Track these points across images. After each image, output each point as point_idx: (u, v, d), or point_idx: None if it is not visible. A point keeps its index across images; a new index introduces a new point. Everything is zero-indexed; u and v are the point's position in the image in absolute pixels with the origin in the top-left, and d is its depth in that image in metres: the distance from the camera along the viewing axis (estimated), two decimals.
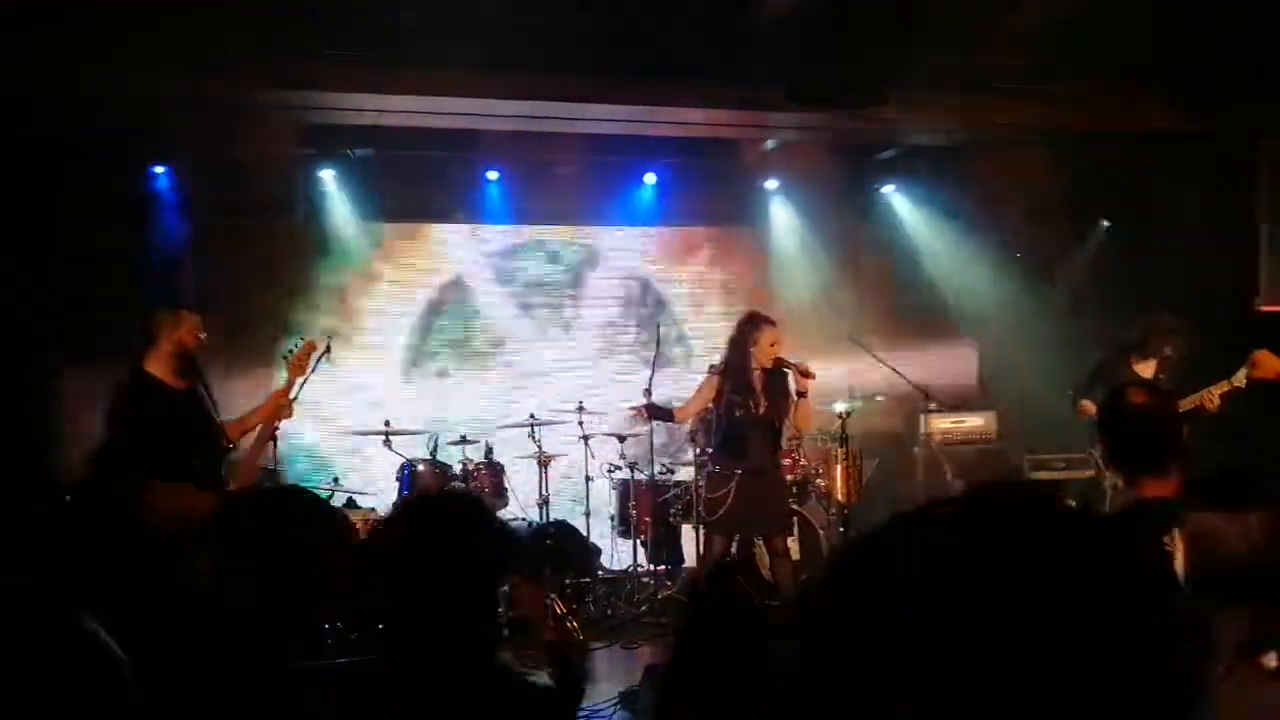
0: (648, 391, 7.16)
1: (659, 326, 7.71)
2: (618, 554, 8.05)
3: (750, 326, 6.11)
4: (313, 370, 5.17)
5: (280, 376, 5.21)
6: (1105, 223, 8.72)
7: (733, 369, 6.10)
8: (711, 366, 6.31)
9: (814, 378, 6.05)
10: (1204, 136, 7.18)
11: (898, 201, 8.95)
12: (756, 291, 8.78)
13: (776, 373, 6.08)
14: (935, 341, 8.57)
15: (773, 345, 6.03)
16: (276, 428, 5.26)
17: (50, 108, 6.26)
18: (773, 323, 6.12)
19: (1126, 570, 0.83)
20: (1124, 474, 2.62)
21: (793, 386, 6.08)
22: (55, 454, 6.51)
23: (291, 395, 5.06)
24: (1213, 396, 6.21)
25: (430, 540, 1.89)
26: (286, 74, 6.20)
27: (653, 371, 7.12)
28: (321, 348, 5.26)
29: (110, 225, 7.47)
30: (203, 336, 4.85)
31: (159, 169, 7.57)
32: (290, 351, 5.13)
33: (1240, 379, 6.24)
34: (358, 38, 6.06)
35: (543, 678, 2.15)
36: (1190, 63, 6.52)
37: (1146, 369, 6.84)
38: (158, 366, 4.72)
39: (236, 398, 5.45)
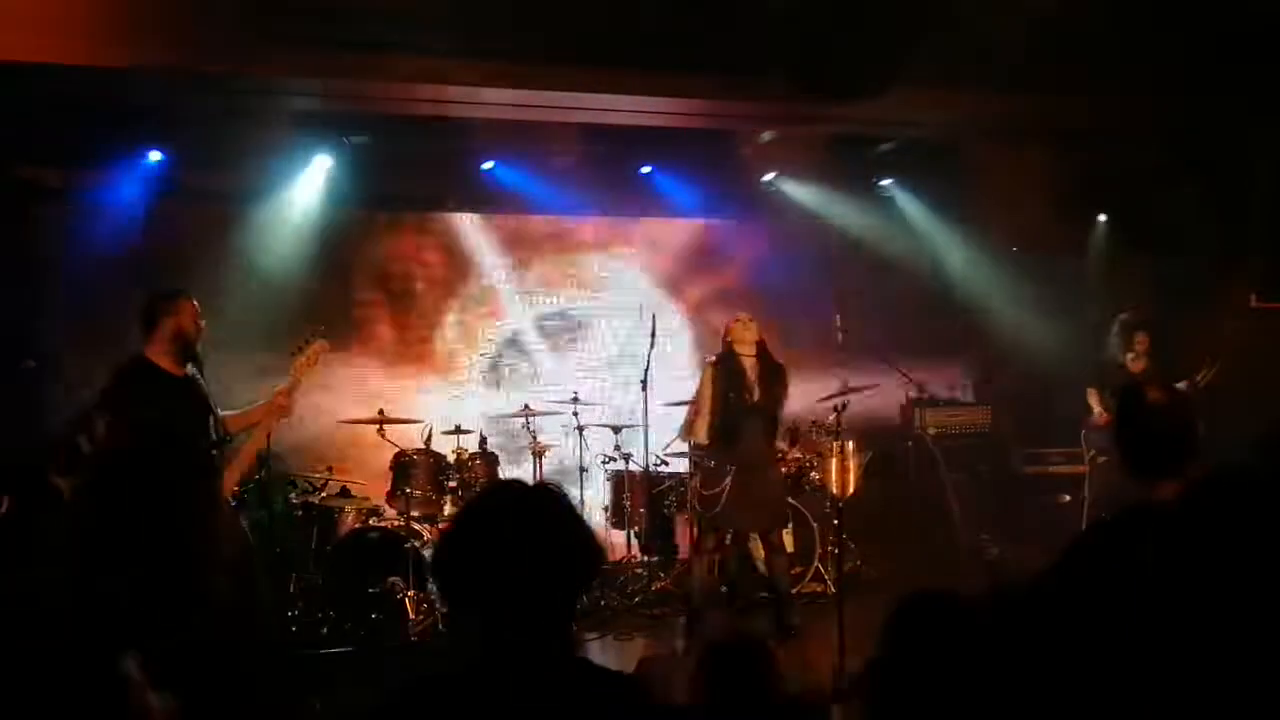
0: (643, 383, 7.15)
1: (654, 317, 7.70)
2: (611, 545, 8.05)
3: (728, 319, 6.43)
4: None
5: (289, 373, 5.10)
6: (1102, 218, 8.72)
7: (722, 358, 6.25)
8: (707, 360, 6.42)
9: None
10: (1201, 133, 7.18)
11: (896, 194, 8.94)
12: (752, 283, 8.77)
13: (771, 366, 6.14)
14: (931, 336, 8.56)
15: (745, 330, 6.22)
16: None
17: (46, 90, 6.22)
18: (747, 315, 6.39)
19: None
20: (1137, 474, 2.64)
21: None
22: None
23: (293, 394, 4.98)
24: None
25: (502, 533, 1.88)
26: (283, 60, 6.16)
27: (648, 363, 7.11)
28: (320, 341, 5.18)
29: (104, 209, 7.45)
30: (202, 323, 4.80)
31: (154, 154, 7.53)
32: (299, 349, 5.05)
33: (1201, 378, 6.45)
34: (354, 25, 6.02)
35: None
36: (1189, 60, 6.51)
37: (1137, 364, 6.99)
38: (157, 353, 4.68)
39: (235, 388, 5.39)
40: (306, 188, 7.98)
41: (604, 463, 7.78)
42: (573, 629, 1.96)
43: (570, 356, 8.86)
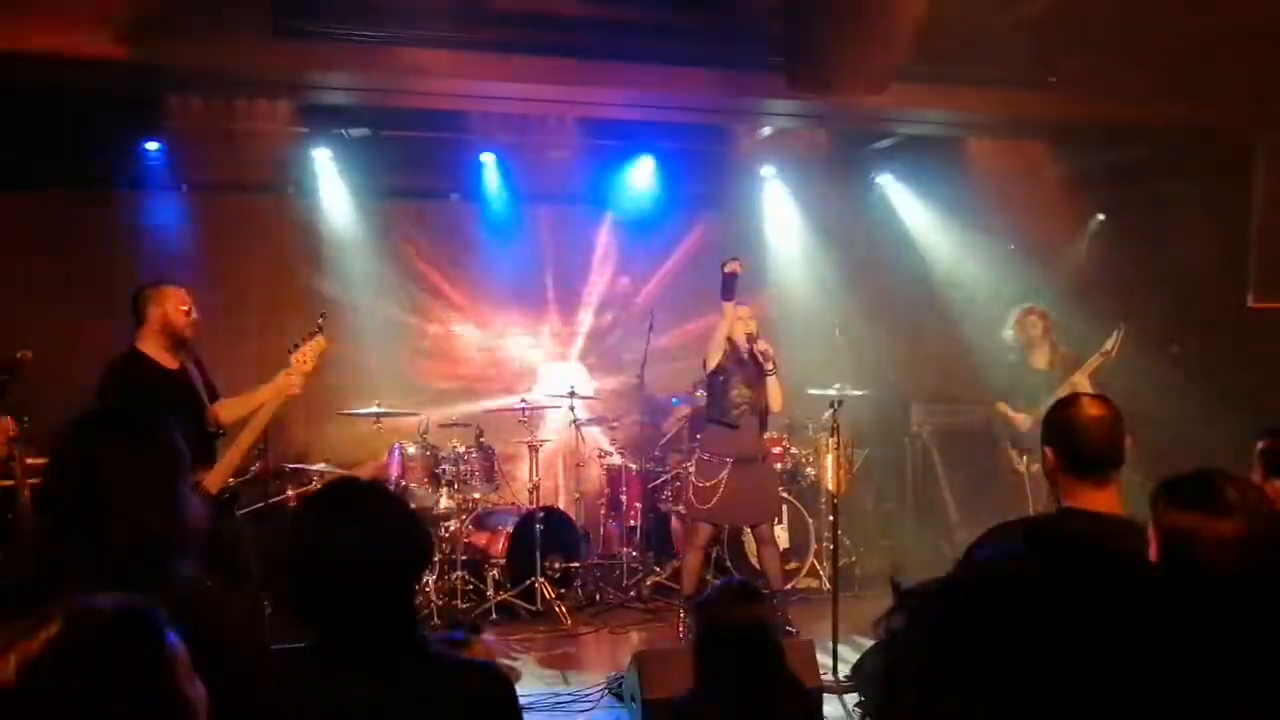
0: (640, 376, 7.16)
1: (651, 312, 7.71)
2: (607, 539, 8.07)
3: (728, 309, 6.19)
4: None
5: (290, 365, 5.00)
6: (1100, 217, 8.72)
7: (726, 352, 6.21)
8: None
9: (770, 356, 6.11)
10: (1200, 132, 7.17)
11: (893, 191, 8.93)
12: (751, 278, 8.77)
13: (760, 363, 6.14)
14: (928, 332, 8.57)
15: (738, 321, 6.13)
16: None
17: (46, 84, 6.21)
18: (746, 305, 6.23)
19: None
20: (1064, 482, 2.64)
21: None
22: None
23: (296, 389, 4.89)
24: (1093, 370, 6.40)
25: (333, 530, 1.90)
26: (283, 52, 6.15)
27: (645, 357, 7.12)
28: (319, 335, 5.11)
29: (106, 201, 7.45)
30: (186, 310, 4.72)
31: (153, 145, 7.52)
32: (296, 345, 4.99)
33: (1110, 347, 6.42)
34: (355, 16, 6.01)
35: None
36: (1190, 57, 6.50)
37: (1040, 359, 6.97)
38: (149, 345, 4.68)
39: (234, 375, 5.38)
40: (308, 180, 7.98)
41: (600, 457, 7.79)
42: (412, 620, 1.97)
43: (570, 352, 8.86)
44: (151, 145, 7.52)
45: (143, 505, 2.01)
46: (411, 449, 6.95)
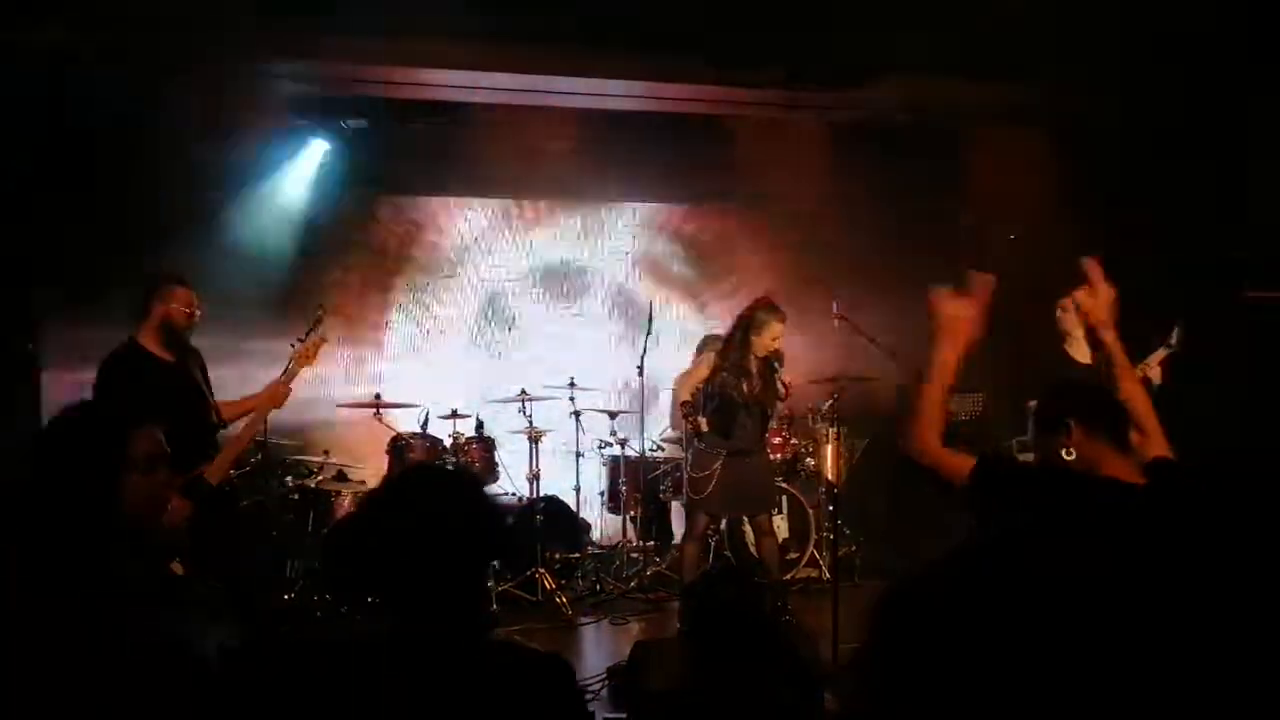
0: (640, 369, 7.15)
1: (651, 304, 7.70)
2: (607, 530, 8.08)
3: (762, 313, 6.06)
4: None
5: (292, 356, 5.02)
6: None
7: (732, 347, 6.12)
8: (707, 338, 6.31)
9: (790, 389, 6.13)
10: (1196, 120, 7.17)
11: (888, 181, 8.89)
12: (747, 271, 8.78)
13: (771, 363, 6.09)
14: (926, 322, 8.56)
15: (774, 340, 6.03)
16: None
17: (44, 71, 6.20)
18: (782, 318, 6.05)
19: None
20: (1093, 452, 2.68)
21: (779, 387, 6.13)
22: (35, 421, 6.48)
23: (292, 386, 4.96)
24: (1151, 367, 6.04)
25: (417, 515, 1.90)
26: (281, 43, 6.15)
27: (645, 348, 7.12)
28: (320, 329, 5.14)
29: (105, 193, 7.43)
30: (192, 312, 4.78)
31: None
32: (299, 340, 5.01)
33: (1174, 341, 6.10)
34: (355, 8, 6.00)
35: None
36: (1188, 50, 6.50)
37: (1081, 351, 6.62)
38: (148, 338, 4.70)
39: (230, 372, 5.40)
40: (302, 172, 7.96)
41: (600, 448, 7.80)
42: (482, 608, 1.98)
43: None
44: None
45: (75, 499, 2.03)
46: (412, 440, 6.95)
